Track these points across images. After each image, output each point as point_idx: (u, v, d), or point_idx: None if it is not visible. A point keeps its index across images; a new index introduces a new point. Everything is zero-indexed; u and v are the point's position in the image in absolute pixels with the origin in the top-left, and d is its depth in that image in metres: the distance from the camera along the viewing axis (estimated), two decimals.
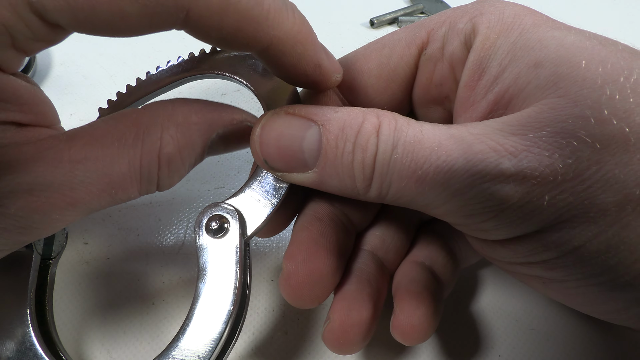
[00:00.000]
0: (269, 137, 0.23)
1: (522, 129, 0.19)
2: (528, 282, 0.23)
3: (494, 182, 0.19)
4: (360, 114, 0.22)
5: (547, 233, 0.19)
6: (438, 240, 0.28)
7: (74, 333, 0.30)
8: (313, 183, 0.23)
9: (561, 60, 0.20)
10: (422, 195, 0.21)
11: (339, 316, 0.24)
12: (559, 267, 0.20)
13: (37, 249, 0.26)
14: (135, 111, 0.23)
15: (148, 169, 0.22)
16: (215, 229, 0.24)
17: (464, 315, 0.31)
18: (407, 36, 0.26)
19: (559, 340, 0.30)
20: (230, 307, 0.23)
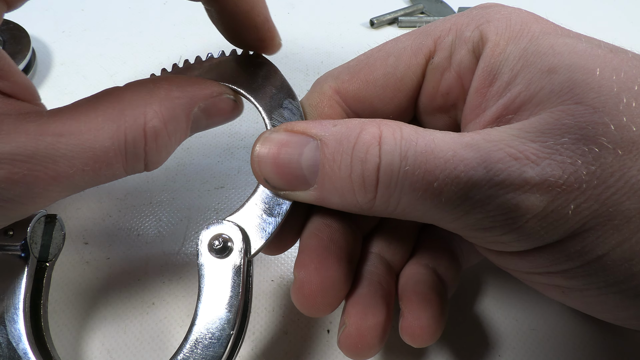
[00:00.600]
0: (266, 155, 0.23)
1: (541, 135, 0.19)
2: (545, 291, 0.23)
3: (519, 192, 0.18)
4: (358, 125, 0.21)
5: (570, 242, 0.19)
6: (440, 242, 0.28)
7: (74, 333, 0.30)
8: (316, 200, 0.23)
9: (575, 66, 0.20)
10: (437, 209, 0.20)
11: (355, 320, 0.24)
12: (581, 276, 0.20)
13: (34, 252, 0.26)
14: (117, 88, 0.23)
15: (133, 143, 0.22)
16: (219, 249, 0.24)
17: (464, 315, 0.31)
18: (413, 44, 0.26)
19: (559, 340, 0.30)
20: (230, 332, 0.23)
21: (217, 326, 0.23)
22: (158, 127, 0.22)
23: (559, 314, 0.31)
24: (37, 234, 0.27)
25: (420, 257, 0.28)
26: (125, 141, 0.21)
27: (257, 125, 0.42)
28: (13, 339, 0.24)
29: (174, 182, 0.38)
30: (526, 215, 0.19)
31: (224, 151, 0.40)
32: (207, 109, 0.24)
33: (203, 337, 0.23)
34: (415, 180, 0.20)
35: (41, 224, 0.27)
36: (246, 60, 0.27)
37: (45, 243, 0.27)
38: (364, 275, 0.26)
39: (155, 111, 0.22)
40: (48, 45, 0.50)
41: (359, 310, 0.24)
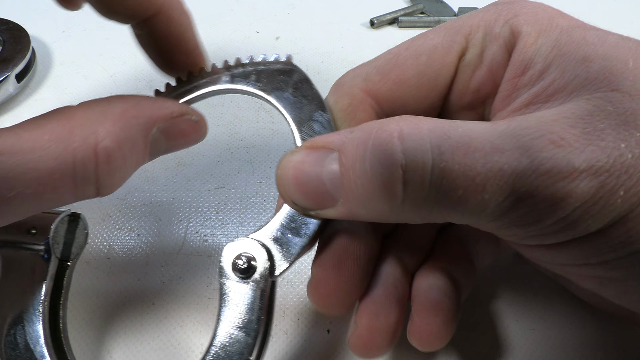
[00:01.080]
0: (287, 175, 0.22)
1: (580, 121, 0.19)
2: (579, 281, 0.22)
3: (568, 179, 0.18)
4: (375, 125, 0.20)
5: (614, 231, 0.18)
6: (457, 245, 0.28)
7: (74, 333, 0.30)
8: (345, 215, 0.21)
9: (609, 56, 0.20)
10: (478, 208, 0.19)
11: (366, 321, 0.24)
12: (623, 267, 0.19)
13: (55, 252, 0.26)
14: (69, 107, 0.21)
15: (83, 164, 0.20)
16: (242, 269, 0.23)
17: (464, 315, 0.31)
18: (444, 42, 0.25)
19: (559, 340, 0.30)
20: (249, 357, 0.22)
21: (237, 349, 0.22)
22: (111, 147, 0.20)
23: (558, 314, 0.31)
24: (60, 233, 0.26)
25: (437, 260, 0.27)
26: (73, 162, 0.20)
27: (257, 125, 0.42)
28: (31, 341, 0.24)
29: (174, 182, 0.38)
30: (574, 204, 0.18)
31: (224, 151, 0.40)
32: (166, 130, 0.23)
33: (222, 357, 0.22)
34: (455, 176, 0.18)
35: (64, 223, 0.27)
36: (276, 67, 0.26)
37: (68, 242, 0.27)
38: (379, 277, 0.26)
39: (108, 131, 0.20)
40: (48, 45, 0.50)
41: (371, 311, 0.24)
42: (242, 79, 0.26)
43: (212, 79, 0.27)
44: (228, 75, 0.27)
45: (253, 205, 0.37)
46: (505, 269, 0.33)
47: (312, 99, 0.25)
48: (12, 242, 0.26)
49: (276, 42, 0.51)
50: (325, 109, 0.25)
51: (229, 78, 0.26)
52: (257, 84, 0.26)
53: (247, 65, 0.27)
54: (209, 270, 0.33)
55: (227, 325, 0.22)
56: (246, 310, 0.22)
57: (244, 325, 0.22)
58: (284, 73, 0.26)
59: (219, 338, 0.22)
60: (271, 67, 0.26)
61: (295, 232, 0.23)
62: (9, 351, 0.24)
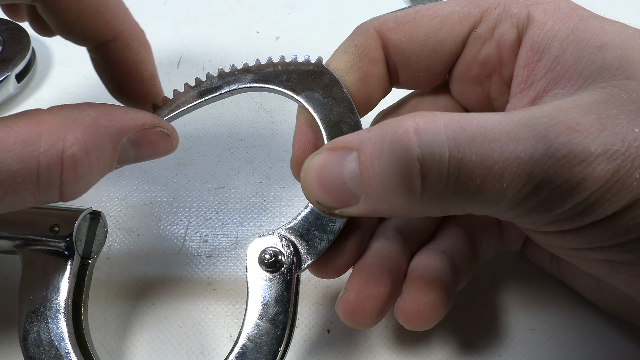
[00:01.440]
0: (310, 177, 0.22)
1: (595, 108, 0.19)
2: (591, 266, 0.22)
3: (584, 164, 0.18)
4: (391, 122, 0.20)
5: (629, 214, 0.19)
6: (462, 232, 0.28)
7: None
8: (367, 212, 0.22)
9: (625, 45, 0.20)
10: (497, 196, 0.19)
11: (355, 287, 0.24)
12: (637, 249, 0.19)
13: (78, 249, 0.26)
14: (39, 110, 0.21)
15: (47, 170, 0.20)
16: (269, 263, 0.23)
17: (464, 315, 0.31)
18: (461, 12, 0.26)
19: (559, 340, 0.30)
20: (278, 348, 0.23)
21: (265, 341, 0.23)
22: (78, 155, 0.20)
23: (559, 315, 0.31)
24: (82, 231, 0.27)
25: (439, 243, 0.27)
26: (38, 167, 0.20)
27: (258, 125, 0.42)
28: (55, 338, 0.24)
29: (174, 182, 0.38)
30: (591, 188, 0.18)
31: (224, 151, 0.40)
32: (136, 141, 0.23)
33: (250, 351, 0.23)
34: (473, 167, 0.18)
35: (86, 221, 0.27)
36: (307, 69, 0.27)
37: (89, 240, 0.27)
38: (375, 246, 0.26)
39: (77, 138, 0.20)
40: (48, 45, 0.50)
41: (362, 278, 0.25)
42: (273, 78, 0.27)
43: (237, 77, 0.27)
44: (257, 74, 0.27)
45: (253, 205, 0.37)
46: (505, 269, 0.33)
47: (341, 101, 0.26)
48: (34, 240, 0.26)
49: (276, 42, 0.51)
50: (355, 112, 0.26)
51: (258, 77, 0.27)
52: (287, 84, 0.27)
53: (278, 64, 0.27)
54: (209, 270, 0.33)
55: (255, 317, 0.23)
56: (274, 303, 0.23)
57: (272, 317, 0.23)
58: (315, 74, 0.26)
59: (247, 330, 0.23)
60: (302, 68, 0.27)
61: (322, 229, 0.24)
62: (33, 348, 0.24)
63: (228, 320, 0.31)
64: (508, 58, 0.25)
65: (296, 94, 0.26)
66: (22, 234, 0.26)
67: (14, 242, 0.26)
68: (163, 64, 0.47)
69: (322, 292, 0.32)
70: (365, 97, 0.27)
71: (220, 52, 0.49)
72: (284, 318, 0.23)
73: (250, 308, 0.23)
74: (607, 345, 0.30)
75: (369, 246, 0.26)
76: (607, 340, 0.30)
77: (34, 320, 0.24)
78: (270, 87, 0.27)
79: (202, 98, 0.27)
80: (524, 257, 0.33)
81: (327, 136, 0.26)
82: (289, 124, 0.42)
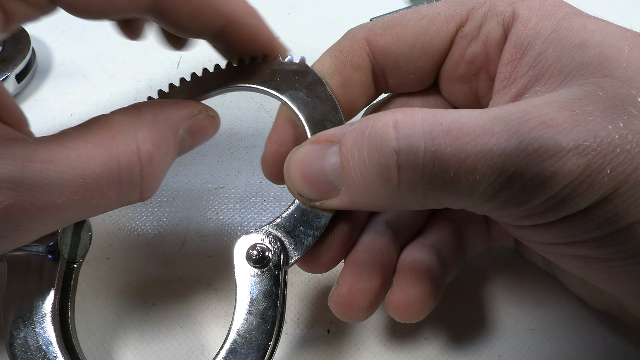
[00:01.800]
0: (293, 169, 0.23)
1: (570, 104, 0.19)
2: (566, 262, 0.23)
3: (556, 158, 0.18)
4: (372, 117, 0.21)
5: (601, 209, 0.19)
6: (449, 226, 0.28)
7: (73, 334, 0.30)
8: (348, 204, 0.23)
9: (605, 43, 0.21)
10: (471, 189, 0.20)
11: (348, 281, 0.25)
12: (609, 245, 0.20)
13: (63, 253, 0.26)
14: (104, 115, 0.22)
15: (128, 169, 0.21)
16: (257, 259, 0.24)
17: (465, 315, 0.31)
18: (447, 12, 0.26)
19: (559, 340, 0.30)
20: (268, 343, 0.23)
21: (255, 336, 0.23)
22: (152, 151, 0.22)
23: (559, 315, 0.31)
24: (67, 235, 0.26)
25: (427, 237, 0.28)
26: (118, 168, 0.21)
27: (257, 125, 0.42)
28: (43, 342, 0.24)
29: (174, 182, 0.38)
30: (563, 182, 0.19)
31: (224, 151, 0.40)
32: (190, 128, 0.25)
33: (241, 346, 0.23)
34: (446, 159, 0.19)
35: (71, 225, 0.27)
36: (290, 68, 0.27)
37: (74, 244, 0.27)
38: (366, 240, 0.27)
39: (146, 136, 0.22)
40: (48, 45, 0.50)
41: (354, 272, 0.25)
42: (257, 77, 0.27)
43: (222, 76, 0.27)
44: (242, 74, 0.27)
45: (253, 205, 0.37)
46: (505, 269, 0.33)
47: (325, 99, 0.26)
48: None
49: None
50: (338, 110, 0.26)
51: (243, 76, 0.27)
52: (271, 83, 0.27)
53: (262, 64, 0.27)
54: (209, 270, 0.33)
55: (244, 313, 0.23)
56: (263, 299, 0.23)
57: (261, 312, 0.23)
58: (298, 74, 0.27)
59: (237, 325, 0.23)
60: (285, 68, 0.27)
61: (308, 225, 0.24)
62: (20, 354, 0.24)
63: (228, 320, 0.31)
64: (494, 56, 0.25)
65: (280, 93, 0.27)
66: None
67: None
68: (163, 64, 0.47)
69: (322, 292, 0.32)
70: (347, 102, 0.28)
71: None
72: (273, 312, 0.23)
73: (239, 304, 0.23)
74: (607, 345, 0.30)
75: (360, 240, 0.27)
76: (607, 340, 0.30)
77: (20, 326, 0.24)
78: (254, 86, 0.27)
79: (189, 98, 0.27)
80: (523, 256, 0.33)
81: (312, 134, 0.26)
82: None
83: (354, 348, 0.30)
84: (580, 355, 0.29)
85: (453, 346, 0.30)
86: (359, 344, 0.30)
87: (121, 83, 0.46)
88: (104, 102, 0.44)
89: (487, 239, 0.30)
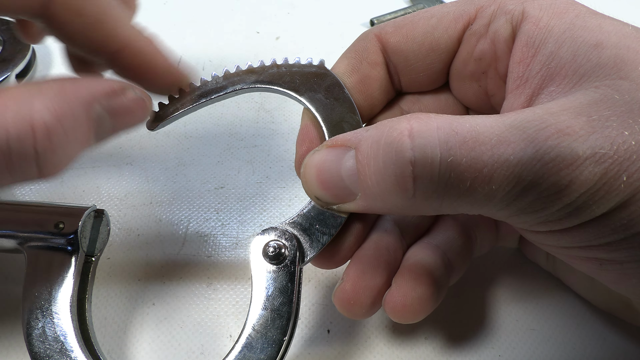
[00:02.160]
0: (310, 174, 0.23)
1: (587, 109, 0.19)
2: (580, 264, 0.23)
3: (572, 167, 0.18)
4: (388, 124, 0.21)
5: (617, 214, 0.19)
6: (458, 226, 0.28)
7: None
8: (363, 209, 0.23)
9: (622, 45, 0.20)
10: (487, 198, 0.19)
11: (352, 277, 0.25)
12: (624, 249, 0.20)
13: (83, 246, 0.26)
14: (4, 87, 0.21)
15: (18, 139, 0.19)
16: (273, 255, 0.24)
17: (465, 315, 0.31)
18: (456, 10, 0.27)
19: (559, 340, 0.30)
20: (283, 338, 0.23)
21: (270, 331, 0.23)
22: (50, 122, 0.19)
23: (559, 315, 0.31)
24: (87, 228, 0.27)
25: (434, 237, 0.28)
26: (7, 137, 0.18)
27: (258, 125, 0.42)
28: (60, 333, 0.24)
29: (174, 182, 0.38)
30: (579, 190, 0.18)
31: (224, 151, 0.40)
32: (110, 107, 0.22)
33: (256, 341, 0.23)
34: (463, 169, 0.19)
35: (91, 219, 0.27)
36: (310, 70, 0.28)
37: (93, 237, 0.27)
38: (373, 237, 0.27)
39: (45, 105, 0.19)
40: (48, 45, 0.50)
41: (359, 269, 0.25)
42: (276, 79, 0.27)
43: (242, 77, 0.27)
44: (261, 75, 0.28)
45: (253, 205, 0.37)
46: (506, 269, 0.33)
47: (343, 101, 0.27)
48: (38, 237, 0.26)
49: (276, 42, 0.51)
50: (356, 112, 0.27)
51: (262, 77, 0.28)
52: (291, 85, 0.27)
53: (281, 66, 0.28)
54: (209, 270, 0.33)
55: (259, 308, 0.23)
56: (278, 294, 0.24)
57: (277, 308, 0.23)
58: (317, 76, 0.27)
59: (253, 320, 0.23)
60: (305, 70, 0.27)
61: (324, 223, 0.25)
62: (38, 344, 0.24)
63: (228, 320, 0.31)
64: (502, 54, 0.25)
65: (299, 95, 0.27)
66: (26, 232, 0.26)
67: (18, 240, 0.26)
68: None
69: (322, 292, 0.32)
70: (367, 98, 0.28)
71: (220, 52, 0.49)
72: (289, 308, 0.23)
73: (254, 299, 0.24)
74: (607, 345, 0.30)
75: (367, 237, 0.27)
76: (607, 340, 0.30)
77: (39, 317, 0.25)
78: (274, 87, 0.27)
79: (207, 97, 0.27)
80: (524, 256, 0.33)
81: (329, 135, 0.26)
82: (289, 124, 0.42)
83: (354, 348, 0.30)
84: (580, 355, 0.29)
85: (453, 346, 0.30)
86: (360, 344, 0.30)
87: None
88: None
89: (495, 240, 0.30)
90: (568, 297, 0.31)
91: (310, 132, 0.28)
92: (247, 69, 0.28)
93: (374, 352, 0.30)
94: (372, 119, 0.29)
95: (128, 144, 0.40)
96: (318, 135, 0.27)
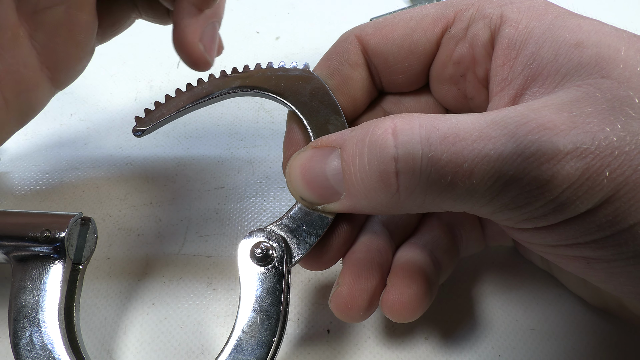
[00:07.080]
0: (295, 173, 0.24)
1: (568, 106, 0.19)
2: (568, 263, 0.23)
3: (553, 161, 0.18)
4: (372, 123, 0.21)
5: (602, 211, 0.19)
6: (442, 226, 0.29)
7: None
8: (349, 208, 0.23)
9: (602, 44, 0.20)
10: (468, 193, 0.20)
11: (348, 282, 0.25)
12: (610, 246, 0.20)
13: (69, 254, 0.26)
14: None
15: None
16: (260, 257, 0.24)
17: (464, 315, 0.31)
18: (435, 13, 0.27)
19: (559, 340, 0.30)
20: (273, 339, 0.23)
21: (260, 332, 0.23)
22: None
23: (559, 314, 0.31)
24: (74, 235, 0.27)
25: (420, 237, 0.28)
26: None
27: (257, 125, 0.42)
28: (48, 342, 0.24)
29: (174, 182, 0.38)
30: (562, 186, 0.19)
31: (224, 151, 0.40)
32: None
33: (245, 342, 0.23)
34: (443, 164, 0.19)
35: (77, 226, 0.27)
36: (294, 74, 0.28)
37: (80, 245, 0.27)
38: (363, 240, 0.27)
39: None
40: None
41: (354, 272, 0.25)
42: (262, 82, 0.28)
43: (227, 82, 0.28)
44: (246, 79, 0.28)
45: (253, 205, 0.37)
46: (505, 268, 0.33)
47: (328, 104, 0.27)
48: (24, 245, 0.26)
49: (276, 42, 0.51)
50: (340, 114, 0.27)
51: (247, 82, 0.28)
52: (276, 88, 0.27)
53: (266, 70, 0.28)
54: (209, 270, 0.33)
55: (248, 310, 0.24)
56: (266, 296, 0.24)
57: (265, 309, 0.24)
58: (302, 79, 0.28)
59: (242, 322, 0.23)
60: (290, 74, 0.28)
61: (311, 224, 0.25)
62: (26, 353, 0.24)
63: (228, 320, 0.31)
64: (481, 57, 0.25)
65: (284, 98, 0.27)
66: (12, 240, 0.26)
67: (3, 249, 0.26)
68: (163, 64, 0.47)
69: (322, 292, 0.32)
70: (349, 100, 0.28)
71: None
72: (277, 309, 0.24)
73: (243, 301, 0.24)
74: (607, 346, 0.30)
75: (358, 240, 0.27)
76: (607, 339, 0.30)
77: (26, 325, 0.24)
78: (259, 91, 0.28)
79: (193, 102, 0.27)
80: (522, 256, 0.33)
81: (315, 137, 0.27)
82: None
83: (354, 348, 0.30)
84: (580, 355, 0.29)
85: (452, 346, 0.30)
86: (359, 344, 0.30)
87: (121, 83, 0.46)
88: (104, 102, 0.44)
89: (482, 238, 0.30)
90: (567, 296, 0.31)
91: (296, 135, 0.28)
92: (232, 73, 0.28)
93: (373, 352, 0.30)
94: (355, 120, 0.29)
95: (128, 144, 0.40)
96: (304, 137, 0.28)
